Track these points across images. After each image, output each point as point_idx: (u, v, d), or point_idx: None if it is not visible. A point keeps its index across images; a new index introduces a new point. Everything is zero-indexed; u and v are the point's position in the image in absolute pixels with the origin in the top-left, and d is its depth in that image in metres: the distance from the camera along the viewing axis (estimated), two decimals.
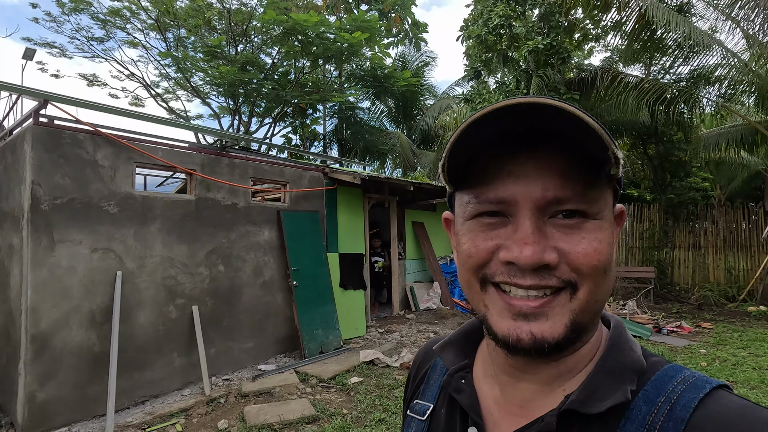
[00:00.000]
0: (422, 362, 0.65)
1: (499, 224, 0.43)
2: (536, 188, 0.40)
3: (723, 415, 0.37)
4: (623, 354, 0.45)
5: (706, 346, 5.37)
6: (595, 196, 0.42)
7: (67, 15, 11.04)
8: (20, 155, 3.56)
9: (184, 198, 4.47)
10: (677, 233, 9.44)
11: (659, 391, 0.41)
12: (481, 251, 0.43)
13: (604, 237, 0.42)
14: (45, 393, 3.40)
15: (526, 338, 0.40)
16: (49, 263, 3.46)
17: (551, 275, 0.40)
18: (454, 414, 0.52)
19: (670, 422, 0.38)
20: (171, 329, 4.23)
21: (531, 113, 0.38)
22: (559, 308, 0.41)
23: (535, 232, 0.40)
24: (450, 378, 0.53)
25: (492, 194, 0.42)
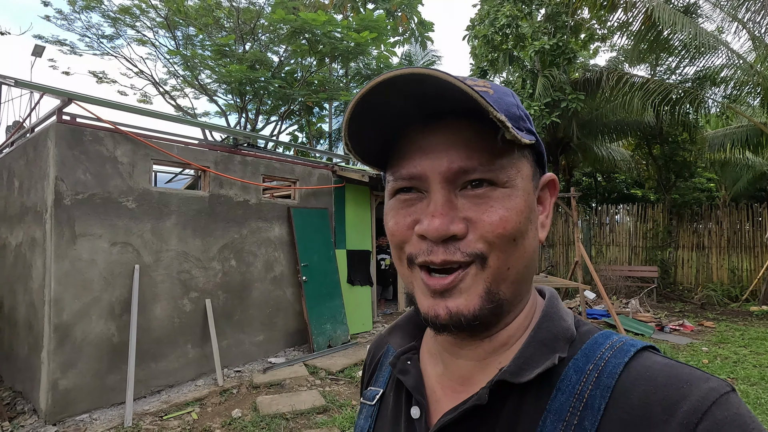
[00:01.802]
0: (376, 350, 0.65)
1: (416, 200, 0.44)
2: (443, 161, 0.41)
3: (646, 376, 0.37)
4: (554, 324, 0.45)
5: (708, 344, 5.45)
6: (503, 164, 0.42)
7: (78, 13, 11.18)
8: (43, 151, 3.68)
9: (198, 194, 4.59)
10: (681, 233, 9.49)
11: (589, 359, 0.41)
12: (401, 228, 0.44)
13: (513, 205, 0.42)
14: (67, 381, 3.54)
15: (443, 314, 0.41)
16: (71, 256, 3.59)
17: (457, 249, 0.41)
18: (400, 396, 0.52)
19: (598, 390, 0.39)
20: (185, 322, 4.35)
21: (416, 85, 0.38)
22: (470, 280, 0.41)
23: (444, 204, 0.41)
24: (396, 360, 0.52)
25: (404, 171, 0.43)
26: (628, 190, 14.67)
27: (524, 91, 9.61)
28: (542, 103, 8.76)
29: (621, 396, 0.37)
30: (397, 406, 0.53)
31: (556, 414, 0.39)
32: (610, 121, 10.62)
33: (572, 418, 0.38)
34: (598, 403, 0.38)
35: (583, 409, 0.38)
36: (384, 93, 0.39)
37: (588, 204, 14.52)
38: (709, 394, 0.34)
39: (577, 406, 0.39)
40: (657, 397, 0.36)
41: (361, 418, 0.58)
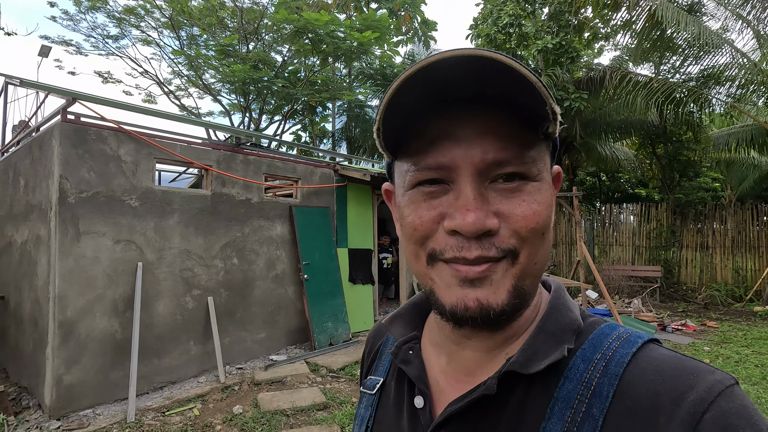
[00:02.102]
0: (374, 340, 0.65)
1: (440, 192, 0.42)
2: (476, 152, 0.40)
3: (653, 367, 0.38)
4: (562, 315, 0.46)
5: (710, 344, 5.43)
6: (534, 157, 0.41)
7: (83, 13, 11.28)
8: (48, 150, 3.73)
9: (201, 193, 4.64)
10: (685, 233, 9.45)
11: (596, 348, 0.42)
12: (425, 222, 0.42)
13: (543, 199, 0.41)
14: (71, 377, 3.59)
15: (473, 305, 0.40)
16: (75, 253, 3.64)
17: (491, 245, 0.40)
18: (402, 385, 0.52)
19: (605, 378, 0.39)
20: (188, 319, 4.39)
21: (466, 67, 0.36)
22: (501, 273, 0.40)
23: (476, 197, 0.39)
24: (398, 350, 0.52)
25: (431, 160, 0.41)
26: (633, 190, 14.61)
27: None
28: None
29: (629, 385, 0.38)
30: (398, 395, 0.52)
31: (564, 401, 0.40)
32: (613, 121, 10.58)
33: (580, 405, 0.39)
34: (606, 390, 0.38)
35: (591, 396, 0.39)
36: (436, 71, 0.36)
37: (591, 204, 14.49)
38: (715, 385, 0.35)
39: (585, 393, 0.39)
40: (664, 387, 0.36)
41: (361, 407, 0.58)
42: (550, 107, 0.37)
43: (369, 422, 0.55)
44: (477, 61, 0.35)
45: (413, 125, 0.41)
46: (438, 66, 0.36)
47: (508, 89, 0.37)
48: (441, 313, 0.43)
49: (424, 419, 0.47)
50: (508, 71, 0.35)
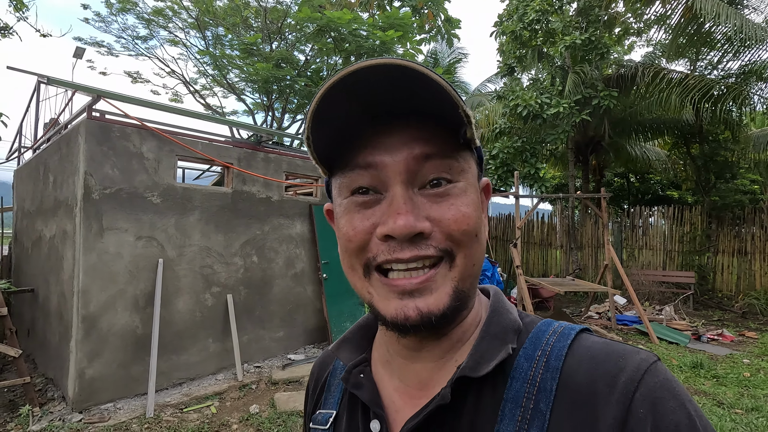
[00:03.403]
0: (320, 372, 0.62)
1: (373, 202, 0.43)
2: (403, 154, 0.41)
3: (588, 356, 0.41)
4: (503, 318, 0.47)
5: (750, 356, 5.11)
6: (458, 159, 0.43)
7: (114, 15, 11.60)
8: (74, 147, 3.80)
9: (221, 190, 4.65)
10: (721, 237, 8.97)
11: (536, 346, 0.44)
12: (359, 232, 0.43)
13: (470, 201, 0.43)
14: (93, 370, 3.64)
15: (413, 314, 0.41)
16: (99, 249, 3.68)
17: (428, 245, 0.41)
18: (355, 413, 0.51)
19: (548, 373, 0.41)
20: (207, 316, 4.41)
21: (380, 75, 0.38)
22: (440, 280, 0.41)
23: (407, 202, 0.41)
24: (348, 374, 0.51)
25: (361, 159, 0.42)
26: (664, 192, 14.03)
27: (553, 88, 9.31)
28: (572, 100, 8.45)
29: (568, 376, 0.40)
30: (351, 424, 0.51)
31: (513, 401, 0.41)
32: (644, 119, 10.16)
33: (528, 402, 0.40)
34: (549, 385, 0.40)
35: (537, 393, 0.40)
36: (359, 82, 0.38)
37: (619, 206, 13.98)
38: (641, 364, 0.39)
39: (531, 391, 0.41)
40: (599, 372, 0.39)
41: None
42: (462, 110, 0.39)
43: None
44: (388, 69, 0.37)
45: (344, 137, 0.43)
46: (356, 75, 0.37)
47: (421, 94, 0.39)
48: (384, 324, 0.44)
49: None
50: (418, 76, 0.37)
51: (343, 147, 0.43)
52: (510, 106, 8.71)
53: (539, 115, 8.41)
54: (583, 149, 10.89)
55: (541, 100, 8.42)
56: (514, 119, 9.19)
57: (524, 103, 8.32)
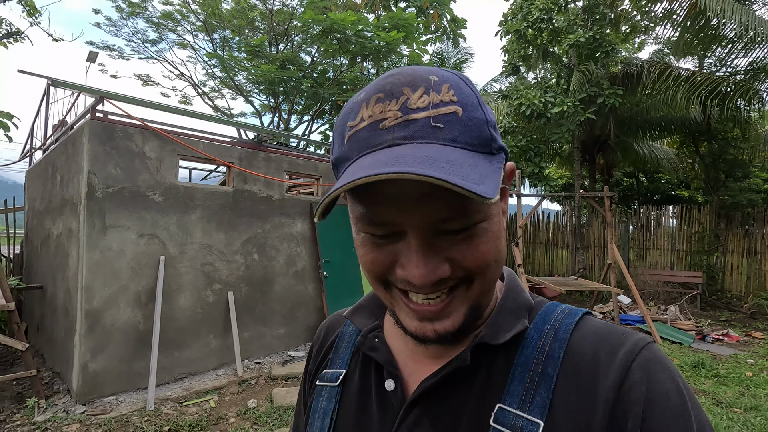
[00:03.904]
0: (327, 333, 0.65)
1: (391, 240, 0.43)
2: (423, 213, 0.40)
3: (593, 332, 0.46)
4: (518, 296, 0.52)
5: (754, 356, 5.03)
6: (479, 205, 0.41)
7: (125, 19, 11.84)
8: (79, 147, 3.91)
9: (223, 189, 4.73)
10: (730, 237, 8.83)
11: (545, 321, 0.49)
12: (378, 265, 0.44)
13: (492, 235, 0.43)
14: (96, 364, 3.74)
15: (431, 335, 0.44)
16: (102, 246, 3.79)
17: (446, 285, 0.43)
18: (368, 373, 0.54)
19: (556, 343, 0.46)
20: (208, 313, 4.49)
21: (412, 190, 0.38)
22: (458, 303, 0.44)
23: (426, 252, 0.41)
24: (363, 338, 0.55)
25: (376, 218, 0.42)
26: (674, 191, 13.84)
27: (558, 87, 9.26)
28: (577, 99, 8.40)
29: (575, 347, 0.45)
30: (364, 383, 0.54)
31: (523, 366, 0.46)
32: (652, 118, 10.04)
33: (537, 367, 0.45)
34: (557, 353, 0.45)
35: (545, 359, 0.45)
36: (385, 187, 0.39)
37: (628, 205, 13.81)
38: (639, 341, 0.44)
39: (540, 357, 0.45)
40: (602, 345, 0.45)
41: (321, 400, 0.57)
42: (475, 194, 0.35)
43: (333, 414, 0.55)
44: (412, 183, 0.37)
45: None
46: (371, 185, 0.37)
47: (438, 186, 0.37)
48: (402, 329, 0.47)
49: (396, 401, 0.50)
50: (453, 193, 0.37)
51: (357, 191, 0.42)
52: (514, 105, 8.69)
53: (543, 114, 8.38)
54: (590, 148, 10.79)
55: (545, 99, 8.38)
56: (518, 118, 9.16)
57: (528, 102, 8.29)
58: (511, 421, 0.43)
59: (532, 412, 0.43)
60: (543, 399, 0.43)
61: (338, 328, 0.64)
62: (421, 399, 0.48)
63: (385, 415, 0.50)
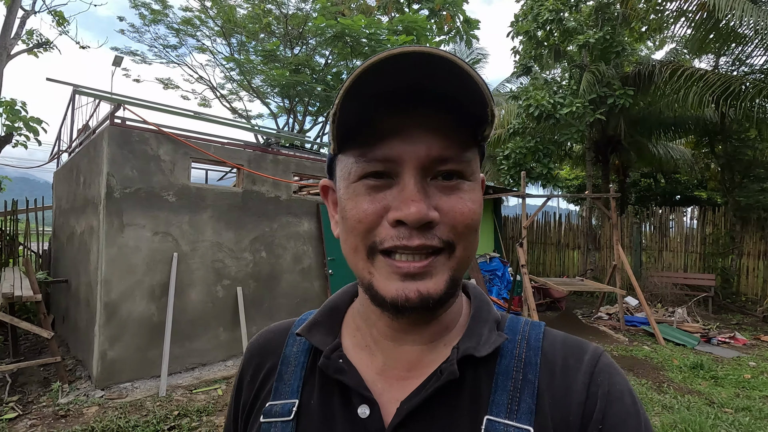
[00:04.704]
0: (262, 357, 0.58)
1: (384, 186, 0.44)
2: (421, 148, 0.42)
3: (559, 341, 0.51)
4: (489, 307, 0.54)
5: (758, 360, 4.99)
6: (470, 157, 0.45)
7: (147, 26, 12.33)
8: (100, 150, 4.20)
9: (232, 190, 4.98)
10: (746, 239, 8.65)
11: (514, 332, 0.52)
12: (369, 215, 0.44)
13: (476, 198, 0.46)
14: (113, 352, 4.02)
15: (414, 296, 0.43)
16: (119, 243, 4.07)
17: (433, 235, 0.43)
18: (330, 400, 0.49)
19: (531, 351, 0.49)
20: (218, 307, 4.75)
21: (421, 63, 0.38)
22: (440, 266, 0.44)
23: (420, 190, 0.42)
24: (327, 360, 0.50)
25: (379, 152, 0.43)
26: (691, 192, 13.55)
27: (568, 87, 9.25)
28: (586, 99, 8.38)
29: (548, 354, 0.49)
30: (327, 412, 0.49)
31: (504, 374, 0.47)
32: (666, 118, 9.91)
33: (518, 374, 0.47)
34: (534, 360, 0.48)
35: (524, 366, 0.48)
36: (393, 67, 0.39)
37: (645, 206, 13.60)
38: (597, 350, 0.51)
39: (518, 365, 0.48)
40: (569, 352, 0.50)
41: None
42: (490, 109, 0.41)
43: None
44: (433, 59, 0.38)
45: (366, 116, 0.43)
46: (398, 60, 0.38)
47: (454, 87, 0.40)
48: (380, 305, 0.46)
49: (372, 428, 0.46)
50: (458, 72, 0.39)
51: (361, 125, 0.43)
52: (523, 106, 8.73)
53: (552, 115, 8.39)
54: (603, 149, 10.70)
55: (554, 99, 8.40)
56: (529, 119, 9.19)
57: (536, 103, 8.32)
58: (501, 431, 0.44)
59: (521, 420, 0.44)
60: (528, 405, 0.45)
61: (277, 350, 0.57)
62: (405, 422, 0.45)
63: None
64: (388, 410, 0.47)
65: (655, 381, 4.23)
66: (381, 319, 0.49)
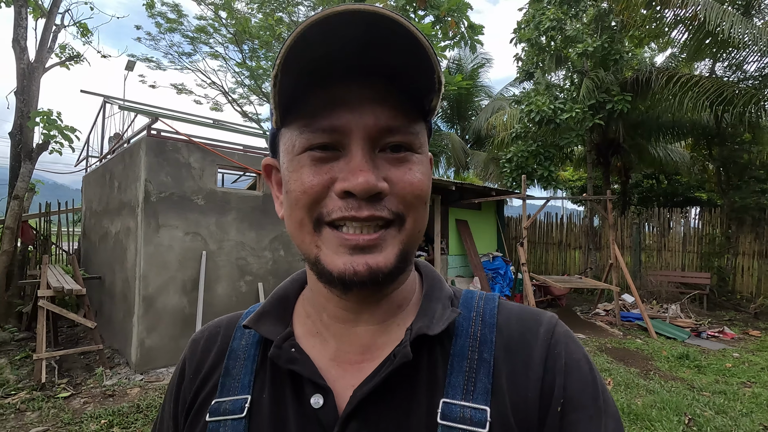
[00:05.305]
0: (204, 351, 0.55)
1: (331, 158, 0.42)
2: (369, 118, 0.41)
3: (514, 314, 0.50)
4: (442, 285, 0.53)
5: (742, 351, 5.34)
6: (418, 130, 0.44)
7: (163, 34, 12.85)
8: (136, 159, 4.65)
9: (253, 194, 5.41)
10: (742, 239, 8.97)
11: (469, 309, 0.50)
12: (315, 186, 0.42)
13: (425, 170, 0.45)
14: (150, 341, 4.47)
15: (363, 269, 0.41)
16: (155, 242, 4.51)
17: (383, 207, 0.42)
18: (282, 393, 0.47)
19: (486, 328, 0.48)
20: (241, 300, 5.18)
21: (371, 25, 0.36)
22: (390, 239, 0.43)
23: (368, 161, 0.41)
24: (278, 350, 0.47)
25: (326, 122, 0.41)
26: (692, 193, 13.84)
27: (569, 93, 9.60)
28: (586, 105, 8.74)
29: (503, 330, 0.48)
30: (279, 407, 0.47)
31: (460, 354, 0.46)
32: (664, 122, 10.23)
33: (473, 354, 0.46)
34: (489, 337, 0.47)
35: (479, 345, 0.47)
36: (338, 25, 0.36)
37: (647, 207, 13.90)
38: (551, 319, 0.50)
39: (474, 344, 0.47)
40: (525, 326, 0.49)
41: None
42: (437, 75, 0.40)
43: None
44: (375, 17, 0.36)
45: (310, 85, 0.41)
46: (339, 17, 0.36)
47: (402, 54, 0.38)
48: (328, 281, 0.44)
49: (326, 418, 0.44)
50: (406, 35, 0.37)
51: (306, 94, 0.42)
52: (525, 111, 9.10)
53: (552, 120, 8.76)
54: (603, 151, 11.04)
55: (554, 105, 8.76)
56: (531, 123, 9.55)
57: (537, 109, 8.69)
58: (458, 413, 0.42)
59: (477, 400, 0.43)
60: (484, 384, 0.44)
61: (221, 343, 0.54)
62: (359, 409, 0.43)
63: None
64: (342, 398, 0.45)
65: (643, 369, 4.60)
66: (330, 300, 0.48)
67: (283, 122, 0.45)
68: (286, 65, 0.39)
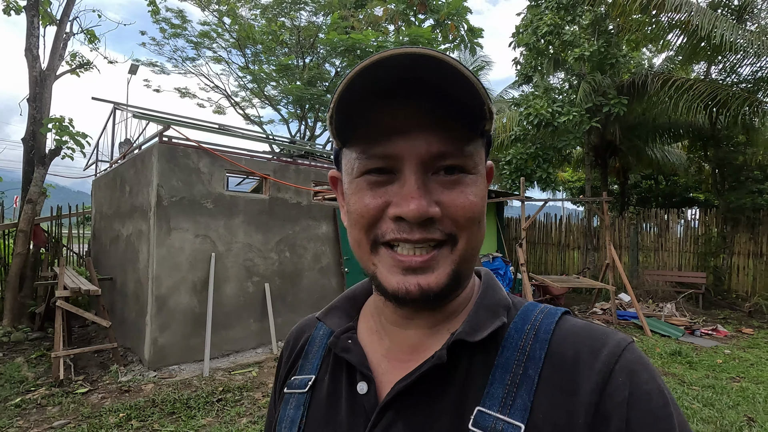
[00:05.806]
0: (296, 338, 0.64)
1: (386, 182, 0.44)
2: (421, 144, 0.43)
3: (573, 332, 0.47)
4: (495, 294, 0.52)
5: (733, 348, 5.51)
6: (471, 151, 0.45)
7: (167, 39, 13.06)
8: (148, 164, 4.84)
9: (260, 197, 5.60)
10: (736, 239, 9.14)
11: (525, 321, 0.49)
12: (371, 210, 0.44)
13: (479, 191, 0.46)
14: (163, 339, 4.65)
15: (414, 290, 0.43)
16: (167, 244, 4.70)
17: (435, 228, 0.43)
18: (339, 377, 0.53)
19: (537, 344, 0.46)
20: (249, 301, 5.37)
21: (415, 64, 0.39)
22: (442, 260, 0.44)
23: (420, 187, 0.42)
24: (336, 339, 0.53)
25: (380, 150, 0.44)
26: (690, 194, 14.01)
27: (566, 96, 9.78)
28: (583, 108, 8.92)
29: (556, 348, 0.45)
30: (335, 387, 0.53)
31: (504, 367, 0.45)
32: (660, 124, 10.41)
33: (518, 368, 0.44)
34: (538, 354, 0.45)
35: (526, 360, 0.45)
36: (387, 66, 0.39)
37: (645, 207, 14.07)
38: (621, 342, 0.44)
39: (521, 358, 0.45)
40: (583, 345, 0.45)
41: (288, 409, 0.55)
42: (487, 107, 0.42)
43: (301, 423, 0.53)
44: (423, 59, 0.39)
45: (363, 116, 0.43)
46: (389, 62, 0.39)
47: (450, 88, 0.40)
48: (384, 295, 0.47)
49: (368, 404, 0.48)
50: (451, 70, 0.39)
51: (361, 122, 0.44)
52: (523, 114, 9.29)
53: (550, 123, 8.94)
54: (601, 153, 11.22)
55: (552, 108, 8.94)
56: (530, 126, 9.74)
57: (536, 112, 8.88)
58: (491, 424, 0.42)
59: (513, 415, 0.42)
60: (524, 401, 0.43)
61: (308, 333, 0.63)
62: (395, 401, 0.46)
63: (356, 420, 0.49)
64: (385, 389, 0.48)
65: None
66: (387, 306, 0.51)
67: (344, 144, 0.48)
68: (341, 101, 0.42)
